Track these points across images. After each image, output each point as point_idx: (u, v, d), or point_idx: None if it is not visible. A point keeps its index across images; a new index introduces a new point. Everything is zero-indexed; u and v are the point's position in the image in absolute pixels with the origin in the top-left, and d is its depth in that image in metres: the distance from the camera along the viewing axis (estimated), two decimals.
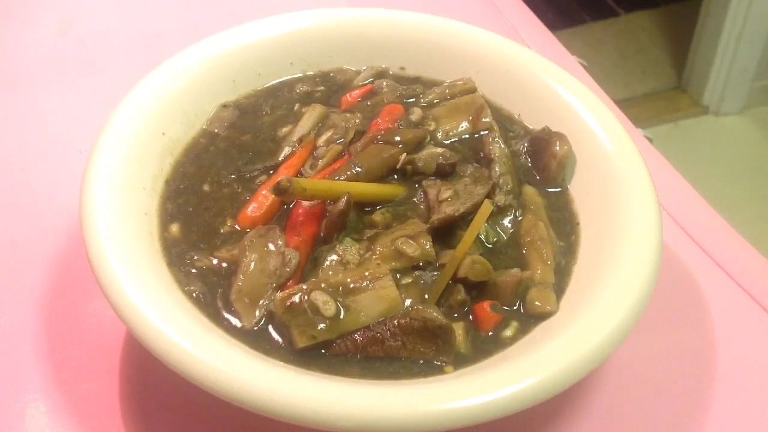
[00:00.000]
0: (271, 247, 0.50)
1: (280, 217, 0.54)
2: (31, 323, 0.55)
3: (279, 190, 0.50)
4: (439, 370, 0.47)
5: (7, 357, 0.54)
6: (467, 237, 0.50)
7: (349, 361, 0.47)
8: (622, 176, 0.55)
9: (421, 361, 0.48)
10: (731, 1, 1.91)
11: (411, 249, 0.51)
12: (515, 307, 0.51)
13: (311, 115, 0.60)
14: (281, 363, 0.46)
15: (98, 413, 0.51)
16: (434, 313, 0.48)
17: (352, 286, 0.48)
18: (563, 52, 0.80)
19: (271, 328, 0.48)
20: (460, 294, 0.50)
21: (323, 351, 0.47)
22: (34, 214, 0.63)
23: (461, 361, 0.48)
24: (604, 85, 0.58)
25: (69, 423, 0.51)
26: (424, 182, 0.56)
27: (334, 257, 0.50)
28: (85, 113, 0.70)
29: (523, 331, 0.50)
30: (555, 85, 0.62)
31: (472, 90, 0.63)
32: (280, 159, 0.57)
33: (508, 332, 0.50)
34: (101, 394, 0.52)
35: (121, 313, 0.45)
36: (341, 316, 0.47)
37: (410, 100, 0.63)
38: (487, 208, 0.51)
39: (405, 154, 0.56)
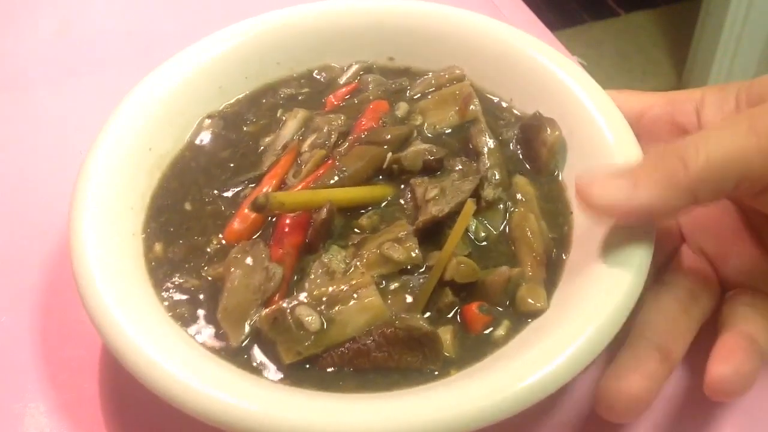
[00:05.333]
0: (255, 262, 0.50)
1: (267, 227, 0.53)
2: (30, 324, 0.56)
3: (256, 207, 0.49)
4: (432, 379, 0.47)
5: (6, 358, 0.55)
6: (451, 239, 0.49)
7: (342, 375, 0.47)
8: (617, 160, 0.53)
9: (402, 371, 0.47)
10: (731, 1, 1.87)
11: (397, 254, 0.50)
12: (505, 306, 0.50)
13: (293, 120, 0.59)
14: (271, 381, 0.46)
15: (98, 413, 0.52)
16: (419, 322, 0.47)
17: (336, 297, 0.47)
18: (563, 52, 0.78)
19: (257, 346, 0.48)
20: (448, 297, 0.49)
21: (310, 366, 0.47)
22: (33, 214, 0.63)
23: (448, 366, 0.47)
24: (604, 85, 0.57)
25: (69, 423, 0.51)
26: (412, 181, 0.55)
27: (320, 268, 0.50)
28: (84, 114, 0.70)
29: (515, 329, 0.49)
30: (549, 66, 0.60)
31: (459, 78, 0.61)
32: (264, 169, 0.56)
33: (500, 332, 0.49)
34: (101, 394, 0.52)
35: (109, 342, 0.46)
36: (326, 330, 0.47)
37: (396, 94, 0.61)
38: (469, 208, 0.50)
39: (390, 153, 0.56)
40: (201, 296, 0.51)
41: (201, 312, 0.50)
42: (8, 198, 0.65)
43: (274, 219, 0.53)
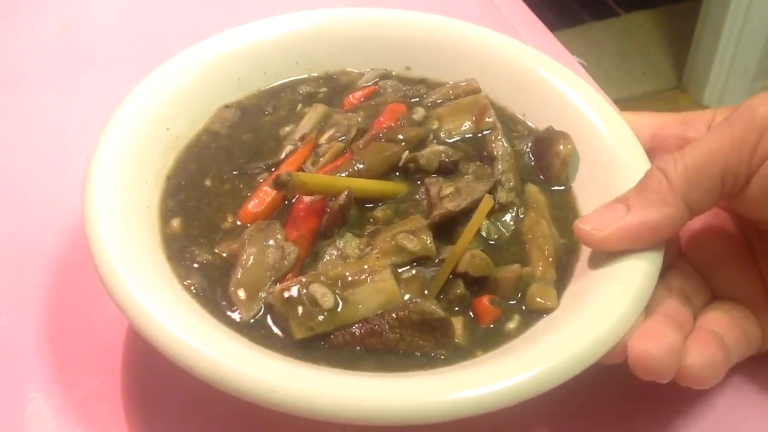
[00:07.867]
0: (271, 241, 0.50)
1: (281, 212, 0.54)
2: (33, 322, 0.56)
3: (279, 184, 0.50)
4: (438, 363, 0.47)
5: (9, 356, 0.54)
6: (467, 231, 0.50)
7: (358, 354, 0.47)
8: (626, 173, 0.55)
9: (419, 354, 0.48)
10: (731, 1, 1.91)
11: (411, 244, 0.51)
12: (515, 302, 0.51)
13: (313, 114, 0.60)
14: (282, 356, 0.46)
15: (101, 412, 0.51)
16: (432, 306, 0.47)
17: (350, 279, 0.48)
18: (563, 52, 0.80)
19: (270, 321, 0.48)
20: (460, 288, 0.50)
21: (323, 343, 0.47)
22: (35, 213, 0.63)
23: (459, 354, 0.48)
24: (604, 85, 0.58)
25: (71, 421, 0.51)
26: (426, 179, 0.56)
27: (334, 252, 0.50)
28: (85, 113, 0.70)
29: (526, 324, 0.50)
30: (560, 85, 0.62)
31: (476, 90, 0.63)
32: (281, 157, 0.57)
33: (511, 325, 0.50)
34: (104, 393, 0.52)
35: (122, 305, 0.45)
36: (339, 309, 0.47)
37: (413, 100, 0.63)
38: (487, 203, 0.51)
39: (407, 151, 0.56)
40: (213, 271, 0.51)
41: (213, 286, 0.50)
42: (9, 197, 0.65)
43: (289, 203, 0.54)
